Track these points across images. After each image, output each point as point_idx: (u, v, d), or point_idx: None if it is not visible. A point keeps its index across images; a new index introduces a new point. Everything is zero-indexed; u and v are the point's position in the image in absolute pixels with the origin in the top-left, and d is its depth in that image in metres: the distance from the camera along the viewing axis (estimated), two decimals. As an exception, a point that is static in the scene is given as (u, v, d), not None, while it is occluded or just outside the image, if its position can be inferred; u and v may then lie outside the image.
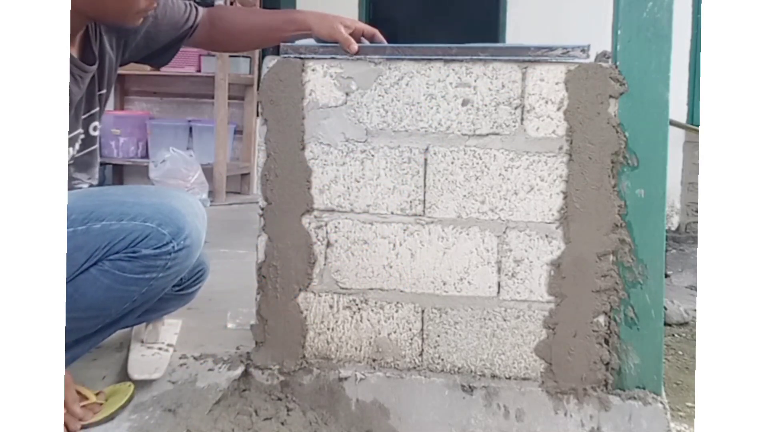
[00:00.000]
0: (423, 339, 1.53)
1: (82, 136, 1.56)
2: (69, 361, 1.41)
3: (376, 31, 1.59)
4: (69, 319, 1.36)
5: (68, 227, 1.29)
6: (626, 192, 1.43)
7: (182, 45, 1.70)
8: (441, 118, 1.49)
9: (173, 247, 1.35)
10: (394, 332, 1.54)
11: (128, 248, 1.33)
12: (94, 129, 1.59)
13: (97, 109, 1.59)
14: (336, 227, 1.53)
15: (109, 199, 1.40)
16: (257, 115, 5.00)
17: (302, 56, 1.53)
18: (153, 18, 1.59)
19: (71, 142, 1.52)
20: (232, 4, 4.57)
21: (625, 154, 1.42)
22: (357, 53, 1.50)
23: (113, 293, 1.36)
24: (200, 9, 1.71)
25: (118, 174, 5.29)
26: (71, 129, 1.51)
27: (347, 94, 1.51)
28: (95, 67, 1.52)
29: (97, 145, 1.62)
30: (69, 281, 1.31)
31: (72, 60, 1.44)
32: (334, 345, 1.56)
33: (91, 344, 1.47)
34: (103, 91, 1.59)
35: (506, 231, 1.48)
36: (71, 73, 1.44)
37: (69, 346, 1.38)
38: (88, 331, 1.42)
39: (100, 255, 1.34)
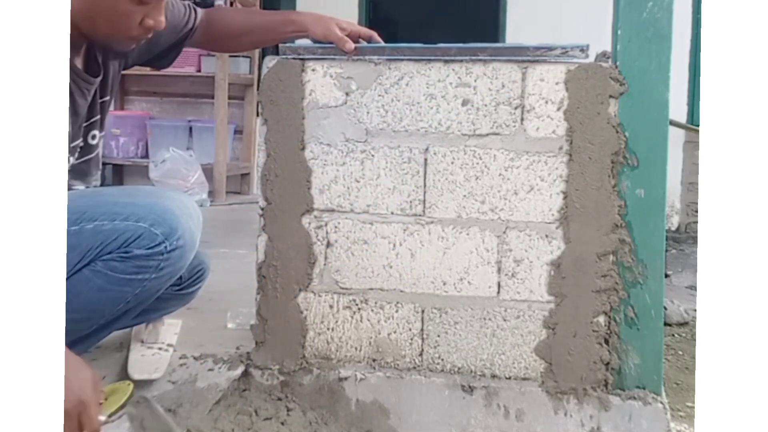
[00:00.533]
0: (423, 339, 1.53)
1: (81, 145, 1.55)
2: None
3: (374, 33, 1.59)
4: (65, 321, 1.36)
5: None
6: (626, 192, 1.43)
7: (183, 47, 1.70)
8: (441, 118, 1.49)
9: (165, 247, 1.34)
10: (394, 332, 1.54)
11: (120, 248, 1.33)
12: (93, 138, 1.58)
13: (98, 117, 1.58)
14: (336, 227, 1.54)
15: (103, 199, 1.39)
16: (257, 115, 5.00)
17: (302, 56, 1.53)
18: None
19: (71, 151, 1.51)
20: (231, 4, 4.57)
21: (625, 154, 1.42)
22: (356, 54, 1.51)
23: (106, 294, 1.35)
24: (199, 10, 1.71)
25: (118, 174, 5.29)
26: (73, 138, 1.50)
27: (347, 94, 1.51)
28: (100, 78, 1.52)
29: (94, 153, 1.60)
30: None
31: (78, 73, 1.43)
32: (334, 345, 1.56)
33: (87, 345, 1.46)
34: (106, 98, 1.59)
35: (506, 231, 1.48)
36: (78, 86, 1.44)
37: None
38: (83, 332, 1.41)
39: (93, 255, 1.33)
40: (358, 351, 1.55)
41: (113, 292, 1.36)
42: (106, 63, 1.54)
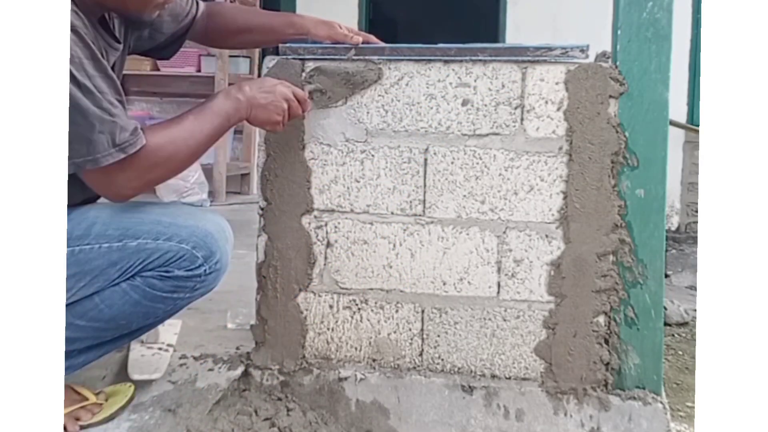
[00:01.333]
0: (423, 339, 1.53)
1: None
2: (80, 365, 1.42)
3: (372, 37, 1.60)
4: (91, 328, 1.37)
5: (104, 243, 1.33)
6: (626, 192, 1.43)
7: (186, 38, 1.70)
8: (441, 118, 1.49)
9: (205, 270, 1.38)
10: (394, 332, 1.54)
11: (161, 267, 1.35)
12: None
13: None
14: (336, 227, 1.54)
15: (146, 217, 1.41)
16: (257, 115, 4.98)
17: (302, 56, 1.53)
18: None
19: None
20: (232, 1, 4.56)
21: (625, 154, 1.42)
22: (357, 53, 1.51)
23: (140, 308, 1.37)
24: (201, 3, 1.71)
25: (118, 174, 5.27)
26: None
27: (347, 94, 1.51)
28: (121, 47, 1.50)
29: None
30: (98, 292, 1.34)
31: (103, 37, 1.40)
32: (334, 345, 1.56)
33: (103, 351, 1.47)
34: (116, 57, 1.56)
35: (506, 231, 1.48)
36: (108, 44, 1.40)
37: (82, 351, 1.39)
38: (105, 339, 1.42)
39: (134, 271, 1.35)
40: (358, 351, 1.55)
41: (147, 308, 1.38)
42: (120, 30, 1.52)
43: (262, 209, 1.55)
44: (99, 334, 1.39)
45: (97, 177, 1.29)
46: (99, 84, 1.25)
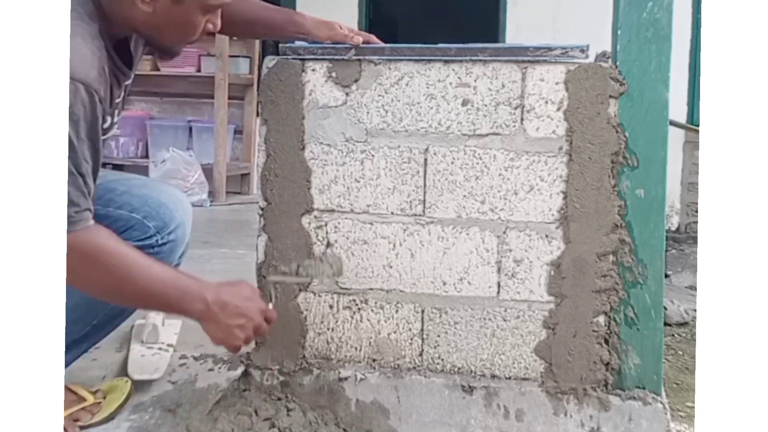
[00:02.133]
0: (423, 339, 1.53)
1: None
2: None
3: (372, 37, 1.59)
4: None
5: None
6: (626, 192, 1.43)
7: None
8: (441, 118, 1.49)
9: (157, 240, 1.33)
10: (394, 332, 1.54)
11: None
12: (117, 114, 1.54)
13: (121, 96, 1.53)
14: (336, 227, 1.54)
15: (98, 184, 1.37)
16: (257, 115, 4.99)
17: (302, 56, 1.53)
18: None
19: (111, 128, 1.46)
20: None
21: (625, 154, 1.42)
22: (357, 53, 1.51)
23: None
24: None
25: (118, 174, 5.27)
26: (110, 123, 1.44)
27: (347, 94, 1.51)
28: (132, 74, 1.46)
29: (110, 133, 1.54)
30: None
31: (120, 67, 1.37)
32: (334, 345, 1.56)
33: (82, 350, 1.44)
34: (129, 82, 1.54)
35: (506, 231, 1.48)
36: (117, 79, 1.37)
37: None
38: (76, 335, 1.39)
39: None
40: (358, 351, 1.55)
41: None
42: (136, 50, 1.50)
43: (262, 209, 1.55)
44: (67, 328, 1.36)
45: None
46: (83, 151, 1.16)
